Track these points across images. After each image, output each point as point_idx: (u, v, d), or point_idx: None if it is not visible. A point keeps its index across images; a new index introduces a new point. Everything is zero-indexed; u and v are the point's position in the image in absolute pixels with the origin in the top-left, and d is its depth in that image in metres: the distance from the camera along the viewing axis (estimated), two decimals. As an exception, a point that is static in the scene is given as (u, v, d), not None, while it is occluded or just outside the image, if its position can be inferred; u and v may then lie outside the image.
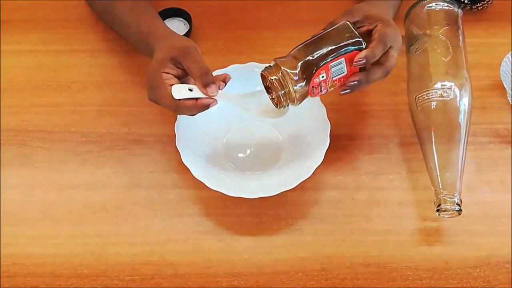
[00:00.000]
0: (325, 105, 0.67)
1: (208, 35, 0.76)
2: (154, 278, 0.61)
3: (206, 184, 0.62)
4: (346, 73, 0.59)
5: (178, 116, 0.65)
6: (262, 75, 0.60)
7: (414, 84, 0.68)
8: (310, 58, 0.58)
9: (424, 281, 0.61)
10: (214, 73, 0.64)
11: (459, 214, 0.61)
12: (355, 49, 0.59)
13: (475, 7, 0.78)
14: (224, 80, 0.60)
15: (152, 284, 0.61)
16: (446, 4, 0.71)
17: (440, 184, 0.62)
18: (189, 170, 0.62)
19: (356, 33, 0.59)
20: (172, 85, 0.58)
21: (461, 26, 0.71)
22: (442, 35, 0.69)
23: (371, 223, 0.64)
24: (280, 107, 0.60)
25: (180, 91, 0.58)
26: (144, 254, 0.63)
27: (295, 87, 0.58)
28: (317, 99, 0.66)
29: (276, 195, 0.62)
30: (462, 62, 0.68)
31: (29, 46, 0.77)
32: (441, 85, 0.66)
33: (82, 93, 0.73)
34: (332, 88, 0.60)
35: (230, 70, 0.67)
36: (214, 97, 0.58)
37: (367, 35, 0.61)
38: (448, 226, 0.64)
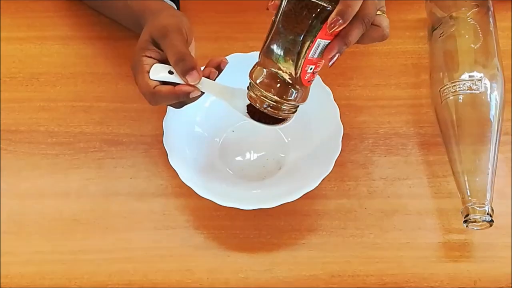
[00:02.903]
0: (335, 99, 0.65)
1: (198, 19, 0.74)
2: (135, 301, 0.61)
3: (196, 191, 0.60)
4: (330, 41, 0.53)
5: (167, 110, 0.64)
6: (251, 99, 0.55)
7: (438, 75, 0.67)
8: (285, 65, 0.52)
9: (449, 303, 0.61)
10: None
11: (490, 225, 0.60)
12: (326, 19, 0.51)
13: (507, -15, 0.76)
14: (219, 66, 0.57)
15: (134, 307, 0.61)
16: (475, -18, 0.71)
17: (468, 191, 0.61)
18: (177, 174, 0.61)
19: (315, 0, 0.50)
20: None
21: (492, 8, 0.69)
22: (471, 18, 0.68)
23: (387, 236, 0.63)
24: (289, 117, 0.56)
25: (158, 72, 0.56)
26: (124, 273, 0.62)
27: (290, 97, 0.54)
28: (330, 98, 0.65)
29: (277, 205, 0.61)
30: (493, 50, 0.67)
31: (-12, 33, 0.76)
32: (469, 76, 0.65)
33: (52, 86, 0.72)
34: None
35: (231, 59, 0.64)
36: (197, 86, 0.56)
37: None
38: (477, 239, 0.63)
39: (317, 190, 0.60)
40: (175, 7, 0.71)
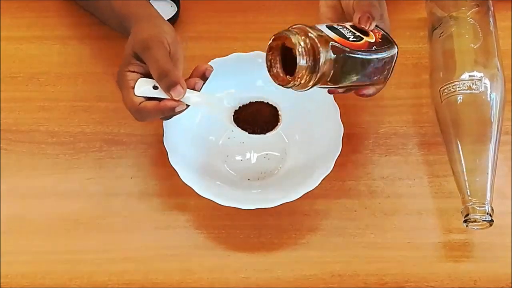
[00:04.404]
0: (335, 99, 0.65)
1: (198, 19, 0.75)
2: (136, 301, 0.60)
3: (196, 190, 0.60)
4: None
5: None
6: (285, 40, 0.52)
7: (438, 74, 0.67)
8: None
9: (449, 302, 0.60)
10: (211, 62, 0.63)
11: (490, 225, 0.59)
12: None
13: (506, -16, 0.76)
14: (203, 75, 0.57)
15: (134, 307, 0.60)
16: (475, -18, 0.70)
17: (468, 191, 0.61)
18: (177, 174, 0.61)
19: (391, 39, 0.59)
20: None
21: (492, 8, 0.69)
22: (471, 18, 0.68)
23: (387, 236, 0.63)
24: (289, 86, 0.53)
25: (142, 87, 0.56)
26: (125, 273, 0.61)
27: (320, 62, 0.51)
28: (330, 98, 0.65)
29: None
30: (493, 49, 0.66)
31: (-11, 33, 0.75)
32: (469, 76, 0.64)
33: (52, 86, 0.71)
34: None
35: (231, 59, 0.64)
36: (182, 100, 0.56)
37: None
38: (477, 239, 0.63)
39: (317, 190, 0.60)
40: (176, 9, 0.72)
